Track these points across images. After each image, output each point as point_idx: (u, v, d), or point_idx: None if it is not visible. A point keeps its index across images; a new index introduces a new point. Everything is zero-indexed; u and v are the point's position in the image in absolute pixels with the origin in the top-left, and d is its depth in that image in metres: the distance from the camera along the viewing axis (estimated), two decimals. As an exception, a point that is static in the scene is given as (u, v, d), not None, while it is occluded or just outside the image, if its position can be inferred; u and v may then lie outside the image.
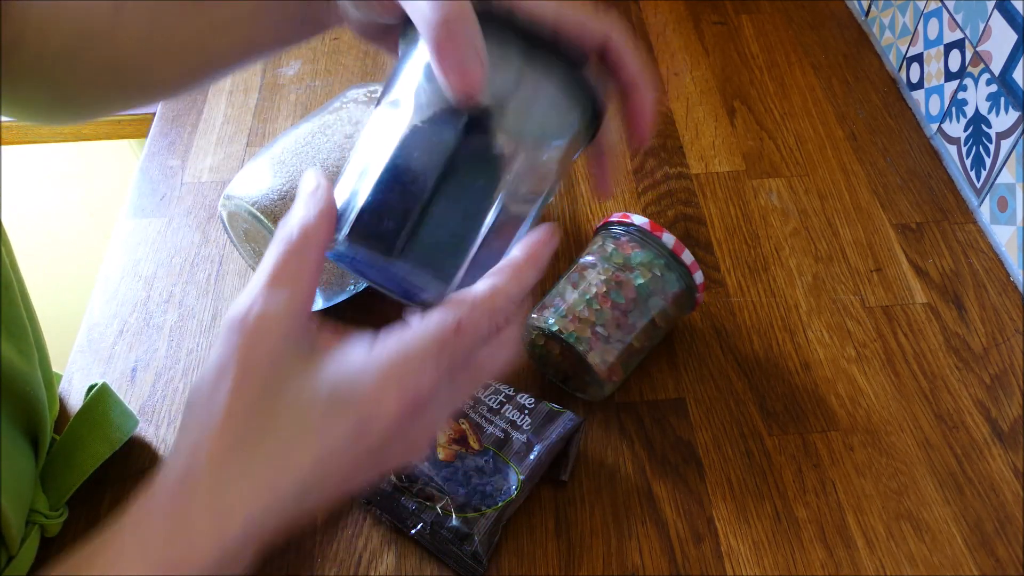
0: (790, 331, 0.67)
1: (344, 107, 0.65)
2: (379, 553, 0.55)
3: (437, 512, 0.54)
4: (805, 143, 0.82)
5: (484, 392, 0.59)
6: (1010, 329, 0.67)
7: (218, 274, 0.71)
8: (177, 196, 0.78)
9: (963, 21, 0.76)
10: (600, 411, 0.62)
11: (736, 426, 0.61)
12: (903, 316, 0.68)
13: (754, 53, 0.92)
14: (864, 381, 0.63)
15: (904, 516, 0.56)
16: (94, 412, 0.57)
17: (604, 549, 0.55)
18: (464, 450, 0.56)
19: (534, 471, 0.55)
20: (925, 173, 0.79)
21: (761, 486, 0.58)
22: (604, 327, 0.58)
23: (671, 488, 0.58)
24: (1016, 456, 0.59)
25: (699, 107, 0.86)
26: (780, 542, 0.55)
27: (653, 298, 0.59)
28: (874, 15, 0.92)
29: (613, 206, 0.76)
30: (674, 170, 0.79)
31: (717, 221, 0.75)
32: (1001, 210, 0.71)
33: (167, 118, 0.86)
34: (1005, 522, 0.56)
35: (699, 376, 0.64)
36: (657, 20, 0.96)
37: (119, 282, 0.71)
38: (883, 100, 0.86)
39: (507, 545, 0.55)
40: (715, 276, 0.70)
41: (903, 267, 0.71)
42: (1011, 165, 0.69)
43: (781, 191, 0.77)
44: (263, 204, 0.59)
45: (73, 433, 0.55)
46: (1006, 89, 0.70)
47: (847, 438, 0.60)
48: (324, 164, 0.60)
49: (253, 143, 0.83)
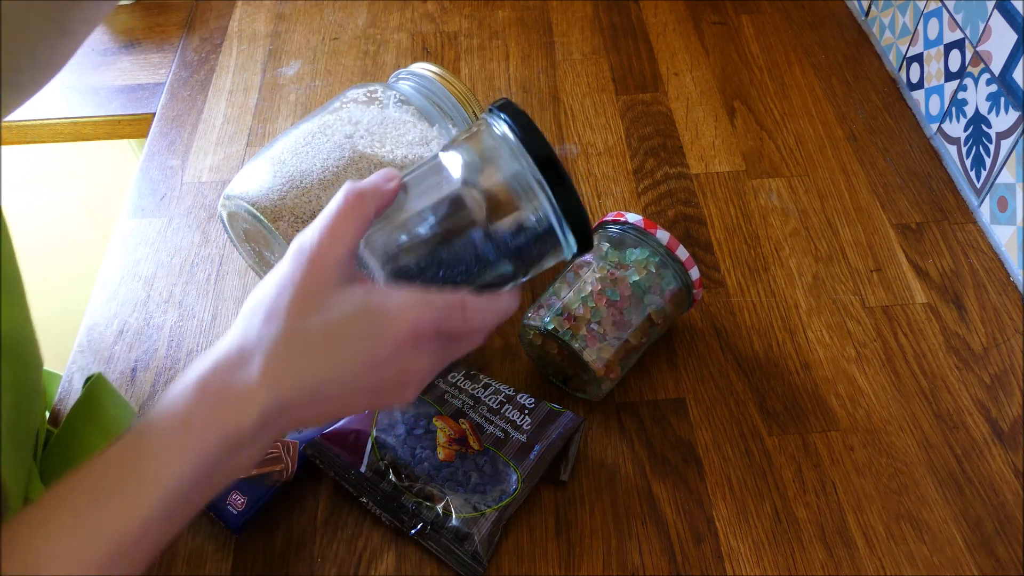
0: (790, 331, 0.67)
1: (344, 107, 0.65)
2: (379, 553, 0.55)
3: (437, 512, 0.54)
4: (805, 143, 0.82)
5: (484, 392, 0.59)
6: (1010, 329, 0.67)
7: (218, 274, 0.71)
8: (177, 196, 0.78)
9: (963, 21, 0.76)
10: (600, 411, 0.62)
11: (736, 426, 0.61)
12: (903, 316, 0.68)
13: (754, 53, 0.92)
14: (864, 381, 0.63)
15: (904, 516, 0.56)
16: (89, 405, 0.57)
17: (604, 549, 0.55)
18: (464, 450, 0.56)
19: (534, 471, 0.55)
20: (925, 173, 0.79)
21: (761, 486, 0.58)
22: (600, 324, 0.58)
23: (671, 488, 0.58)
24: (1016, 456, 0.59)
25: (699, 107, 0.86)
26: (780, 542, 0.55)
27: (649, 295, 0.59)
28: (874, 15, 0.92)
29: (613, 205, 0.76)
30: (674, 170, 0.79)
31: (717, 221, 0.75)
32: (1001, 210, 0.71)
33: (167, 118, 0.86)
34: (1005, 522, 0.56)
35: (699, 376, 0.64)
36: (657, 20, 0.96)
37: (119, 282, 0.71)
38: (883, 100, 0.86)
39: (507, 545, 0.55)
40: (715, 276, 0.71)
41: (903, 267, 0.71)
42: (1011, 165, 0.69)
43: (781, 191, 0.77)
44: (263, 204, 0.59)
45: (69, 426, 0.55)
46: (1006, 89, 0.70)
47: (847, 438, 0.60)
48: (324, 164, 0.60)
49: (253, 143, 0.83)
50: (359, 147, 0.62)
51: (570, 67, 0.90)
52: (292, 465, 0.56)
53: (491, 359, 0.65)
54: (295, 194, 0.59)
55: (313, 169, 0.60)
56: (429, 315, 0.41)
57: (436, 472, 0.55)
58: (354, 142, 0.62)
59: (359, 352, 0.40)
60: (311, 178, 0.60)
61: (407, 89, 0.68)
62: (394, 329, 0.40)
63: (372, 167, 0.61)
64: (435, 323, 0.41)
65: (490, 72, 0.90)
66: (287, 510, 0.57)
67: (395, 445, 0.57)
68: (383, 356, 0.41)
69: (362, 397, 0.42)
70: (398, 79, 0.70)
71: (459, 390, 0.60)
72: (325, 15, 0.98)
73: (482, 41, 0.94)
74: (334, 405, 0.41)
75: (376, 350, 0.41)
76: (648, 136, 0.83)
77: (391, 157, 0.63)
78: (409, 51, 0.93)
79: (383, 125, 0.64)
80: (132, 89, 0.95)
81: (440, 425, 0.57)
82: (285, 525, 0.56)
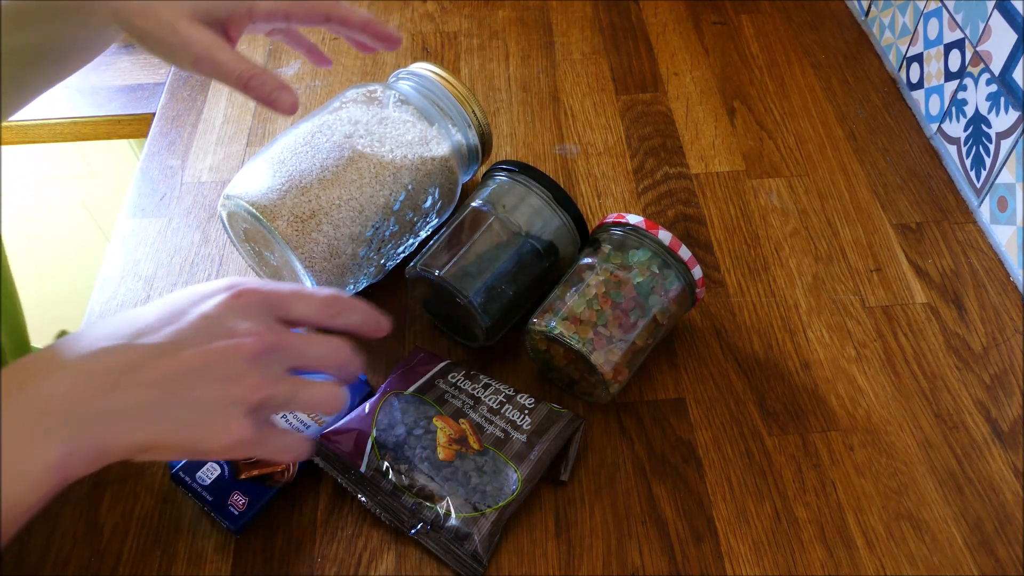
0: (790, 331, 0.67)
1: (344, 107, 0.65)
2: (379, 553, 0.55)
3: (437, 512, 0.54)
4: (805, 143, 0.82)
5: (484, 392, 0.59)
6: (1010, 329, 0.67)
7: (218, 274, 0.71)
8: (177, 196, 0.78)
9: (963, 21, 0.76)
10: (600, 411, 0.62)
11: (736, 426, 0.61)
12: (903, 316, 0.68)
13: (754, 53, 0.92)
14: (864, 381, 0.63)
15: (904, 516, 0.56)
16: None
17: (604, 549, 0.55)
18: (464, 450, 0.56)
19: (534, 471, 0.55)
20: (925, 173, 0.79)
21: (761, 486, 0.58)
22: (606, 327, 0.58)
23: (671, 488, 0.58)
24: (1016, 456, 0.59)
25: (699, 107, 0.86)
26: (780, 542, 0.55)
27: (653, 296, 0.59)
28: (874, 15, 0.92)
29: (613, 205, 0.76)
30: (674, 170, 0.79)
31: (717, 221, 0.75)
32: (1001, 210, 0.71)
33: (167, 118, 0.86)
34: (1005, 522, 0.56)
35: (699, 376, 0.64)
36: (657, 20, 0.96)
37: (119, 282, 0.71)
38: (883, 100, 0.86)
39: (507, 545, 0.55)
40: (715, 276, 0.71)
41: (903, 267, 0.71)
42: (1011, 165, 0.69)
43: (781, 191, 0.77)
44: (263, 204, 0.59)
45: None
46: (1006, 89, 0.70)
47: (847, 438, 0.60)
48: (324, 164, 0.60)
49: (253, 143, 0.83)
50: (359, 147, 0.62)
51: (570, 67, 0.90)
52: (293, 466, 0.56)
53: (491, 359, 0.65)
54: (295, 194, 0.59)
55: (313, 169, 0.60)
56: (257, 282, 0.43)
57: (436, 472, 0.55)
58: (354, 142, 0.62)
59: (157, 304, 0.42)
60: (311, 178, 0.60)
61: (407, 89, 0.68)
62: (207, 284, 0.43)
63: (372, 167, 0.61)
64: (262, 287, 0.43)
65: (490, 72, 0.90)
66: (287, 510, 0.57)
67: (395, 445, 0.57)
68: (185, 297, 0.42)
69: (171, 363, 0.40)
70: (398, 79, 0.70)
71: (459, 390, 0.60)
72: (325, 15, 0.98)
73: (482, 41, 0.94)
74: (147, 377, 0.39)
75: (177, 296, 0.42)
76: (648, 136, 0.83)
77: (391, 157, 0.63)
78: (409, 51, 0.93)
79: (383, 125, 0.64)
80: (132, 89, 0.95)
81: (440, 425, 0.57)
82: (285, 525, 0.56)
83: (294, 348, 0.43)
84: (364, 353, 0.65)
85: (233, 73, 0.49)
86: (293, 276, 0.62)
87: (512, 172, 0.64)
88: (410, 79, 0.69)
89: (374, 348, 0.65)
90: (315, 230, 0.59)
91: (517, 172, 0.64)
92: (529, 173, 0.63)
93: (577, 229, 0.64)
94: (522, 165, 0.64)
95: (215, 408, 0.40)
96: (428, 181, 0.64)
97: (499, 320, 0.61)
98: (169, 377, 0.40)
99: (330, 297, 0.46)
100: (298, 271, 0.60)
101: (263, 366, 0.42)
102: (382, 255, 0.64)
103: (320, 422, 0.58)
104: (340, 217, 0.60)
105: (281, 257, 0.61)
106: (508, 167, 0.64)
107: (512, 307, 0.62)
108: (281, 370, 0.43)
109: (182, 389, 0.40)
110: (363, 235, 0.61)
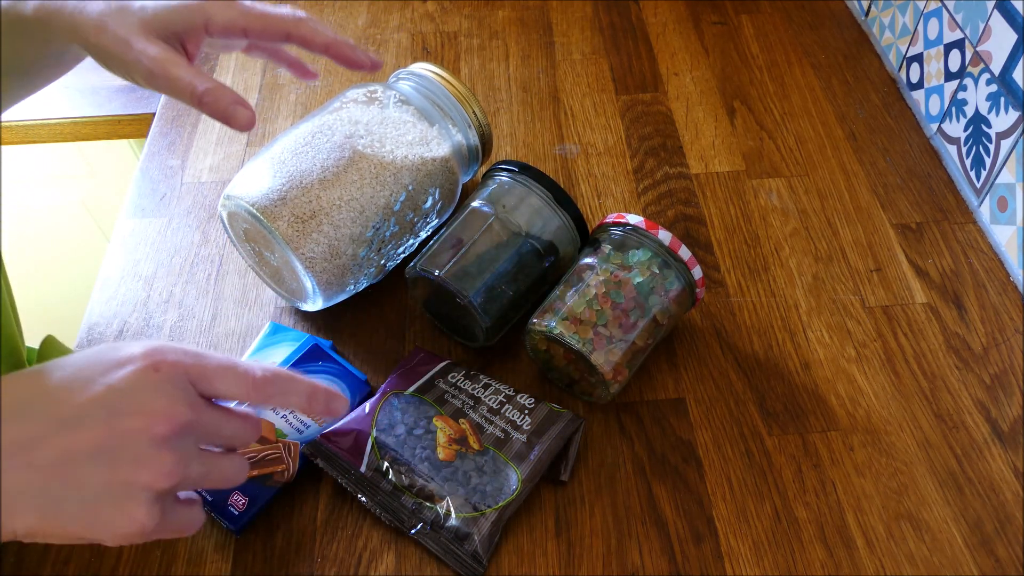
0: (790, 331, 0.67)
1: (344, 107, 0.65)
2: (379, 553, 0.55)
3: (437, 512, 0.54)
4: (805, 143, 0.82)
5: (484, 392, 0.59)
6: (1010, 329, 0.67)
7: (218, 274, 0.71)
8: (177, 196, 0.78)
9: (963, 21, 0.76)
10: (600, 411, 0.62)
11: (736, 426, 0.61)
12: (903, 316, 0.68)
13: (754, 53, 0.92)
14: (864, 381, 0.63)
15: (904, 516, 0.56)
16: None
17: (604, 549, 0.55)
18: (464, 450, 0.56)
19: (534, 471, 0.55)
20: (925, 173, 0.79)
21: (761, 486, 0.58)
22: (606, 327, 0.58)
23: (671, 488, 0.58)
24: (1016, 456, 0.59)
25: (699, 107, 0.86)
26: (780, 542, 0.55)
27: (653, 296, 0.59)
28: (874, 15, 0.92)
29: (613, 205, 0.76)
30: (674, 170, 0.79)
31: (717, 221, 0.75)
32: (1001, 210, 0.71)
33: (167, 118, 0.86)
34: (1005, 522, 0.56)
35: (699, 376, 0.64)
36: (657, 20, 0.96)
37: (119, 282, 0.71)
38: (883, 100, 0.86)
39: (507, 545, 0.55)
40: (715, 276, 0.71)
41: (903, 267, 0.71)
42: (1011, 165, 0.69)
43: (781, 191, 0.77)
44: (263, 204, 0.59)
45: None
46: (1006, 89, 0.70)
47: (847, 438, 0.60)
48: (324, 164, 0.60)
49: (253, 143, 0.83)
50: (359, 147, 0.62)
51: (570, 67, 0.90)
52: (293, 466, 0.56)
53: (491, 359, 0.65)
54: (295, 194, 0.59)
55: (313, 169, 0.60)
56: (180, 351, 0.39)
57: (436, 472, 0.55)
58: (354, 142, 0.62)
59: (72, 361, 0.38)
60: (311, 178, 0.60)
61: (407, 89, 0.68)
62: (126, 346, 0.38)
63: (372, 167, 0.61)
64: (184, 359, 0.39)
65: (490, 72, 0.90)
66: (287, 510, 0.57)
67: (395, 445, 0.57)
68: (97, 362, 0.38)
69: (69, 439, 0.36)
70: (398, 79, 0.70)
71: (459, 390, 0.60)
72: (325, 15, 0.98)
73: (482, 41, 0.94)
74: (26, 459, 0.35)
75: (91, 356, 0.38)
76: (648, 136, 0.83)
77: (391, 157, 0.63)
78: (409, 51, 0.93)
79: (383, 125, 0.64)
80: (132, 89, 0.95)
81: (440, 425, 0.57)
82: (285, 525, 0.56)
83: (210, 426, 0.40)
84: (365, 354, 0.65)
85: (187, 89, 0.47)
86: (293, 276, 0.62)
87: (512, 172, 0.64)
88: (410, 79, 0.69)
89: (374, 348, 0.65)
90: (315, 230, 0.59)
91: (517, 172, 0.64)
92: (529, 173, 0.63)
93: (577, 229, 0.64)
94: (522, 165, 0.64)
95: (116, 496, 0.36)
96: (428, 181, 0.64)
97: (499, 320, 0.61)
98: (65, 458, 0.36)
99: (268, 376, 0.41)
100: (298, 271, 0.60)
101: (174, 448, 0.38)
102: (382, 255, 0.64)
103: (320, 422, 0.58)
104: (340, 218, 0.60)
105: (281, 257, 0.61)
106: (508, 167, 0.64)
107: (512, 307, 0.62)
108: (194, 447, 0.39)
109: (78, 473, 0.36)
110: (363, 235, 0.61)
